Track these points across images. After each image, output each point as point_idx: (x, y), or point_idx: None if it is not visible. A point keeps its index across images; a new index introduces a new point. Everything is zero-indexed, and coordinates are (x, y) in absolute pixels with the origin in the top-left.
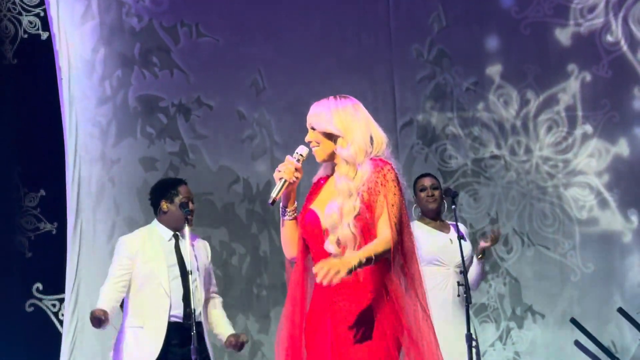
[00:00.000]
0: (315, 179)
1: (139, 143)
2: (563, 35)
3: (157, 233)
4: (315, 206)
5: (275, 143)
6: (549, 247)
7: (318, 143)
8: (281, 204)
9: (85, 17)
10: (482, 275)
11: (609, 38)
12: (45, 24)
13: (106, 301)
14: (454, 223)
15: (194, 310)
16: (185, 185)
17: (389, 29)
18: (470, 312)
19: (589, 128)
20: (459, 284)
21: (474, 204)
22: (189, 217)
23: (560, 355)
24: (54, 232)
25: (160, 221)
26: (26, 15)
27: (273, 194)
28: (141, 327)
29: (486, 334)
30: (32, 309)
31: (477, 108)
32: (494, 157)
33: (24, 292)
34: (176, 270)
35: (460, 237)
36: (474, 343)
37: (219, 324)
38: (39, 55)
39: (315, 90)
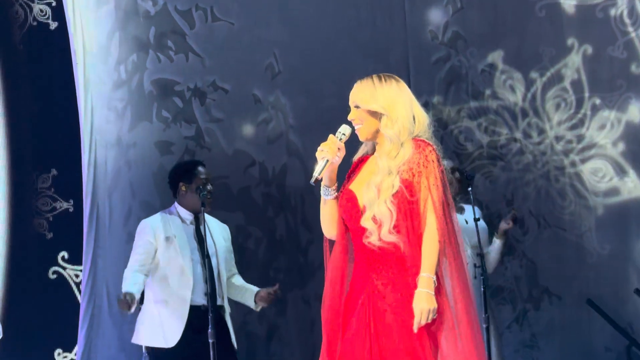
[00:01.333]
0: (355, 159)
1: (155, 127)
2: (578, 16)
3: (178, 216)
4: (354, 185)
5: (290, 126)
6: (565, 229)
7: (361, 121)
8: (322, 183)
9: (100, 2)
10: (500, 257)
11: (626, 19)
12: (56, 13)
13: (132, 284)
14: (469, 205)
15: (217, 293)
16: (202, 167)
17: (404, 11)
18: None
19: (596, 100)
20: (475, 266)
21: (490, 185)
22: (207, 199)
23: (576, 337)
24: (71, 209)
25: (180, 204)
26: (38, 3)
27: (315, 174)
28: (166, 302)
29: (503, 316)
30: (55, 276)
31: (492, 90)
32: (510, 139)
33: (48, 259)
34: (197, 254)
35: (477, 219)
36: (491, 326)
37: (244, 288)
38: (47, 44)
39: (331, 73)
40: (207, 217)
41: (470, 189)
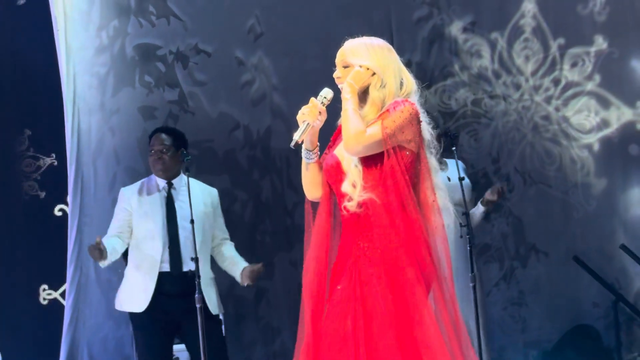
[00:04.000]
0: (339, 122)
1: (138, 92)
2: None
3: (154, 183)
4: (338, 150)
5: (274, 88)
6: (551, 185)
7: None
8: (303, 147)
9: None
10: (481, 220)
11: None
12: None
13: (107, 245)
14: (453, 161)
15: (182, 259)
16: (155, 135)
17: None
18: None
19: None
20: (461, 225)
21: (475, 144)
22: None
23: (564, 293)
24: (55, 163)
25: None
26: None
27: (296, 137)
28: (137, 267)
29: (490, 273)
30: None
31: (474, 48)
32: (493, 96)
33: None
34: (164, 220)
35: (462, 178)
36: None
37: (233, 262)
38: (27, 12)
39: (313, 34)
40: (192, 181)
41: (454, 148)
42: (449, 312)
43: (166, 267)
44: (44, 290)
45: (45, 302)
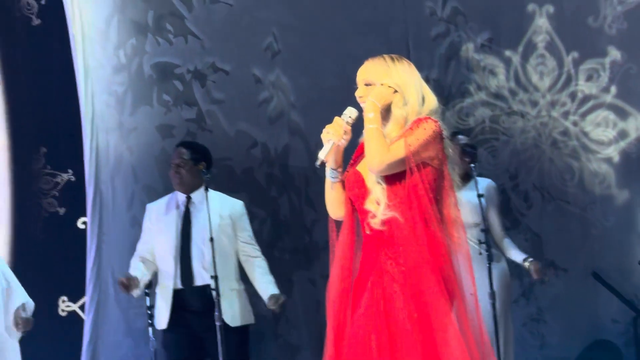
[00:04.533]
0: (361, 140)
1: (156, 111)
2: None
3: (175, 199)
4: (361, 167)
5: (292, 105)
6: (569, 201)
7: None
8: (327, 166)
9: None
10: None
11: None
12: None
13: (133, 269)
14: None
15: (194, 273)
16: (176, 149)
17: None
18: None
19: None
20: (480, 242)
21: (493, 160)
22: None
23: (583, 310)
24: (73, 179)
25: None
26: None
27: (321, 156)
28: (160, 285)
29: (511, 289)
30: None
31: (492, 65)
32: (511, 113)
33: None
34: (178, 237)
35: (480, 195)
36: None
37: (258, 288)
38: (46, 31)
39: (331, 51)
40: (214, 194)
41: (472, 165)
42: (473, 329)
43: (179, 284)
44: (63, 302)
45: (64, 314)
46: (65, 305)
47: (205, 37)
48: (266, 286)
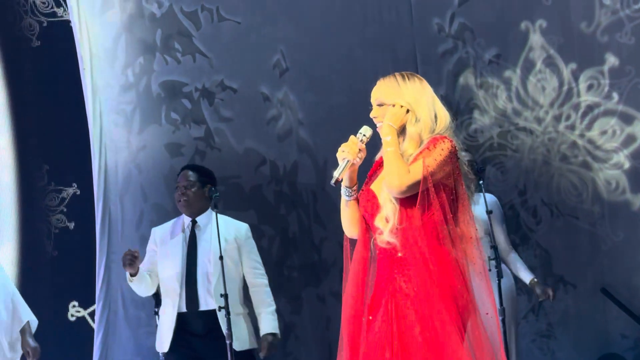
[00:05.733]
0: (377, 158)
1: (164, 129)
2: (584, 4)
3: (181, 222)
4: (375, 185)
5: (300, 123)
6: (578, 217)
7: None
8: (342, 184)
9: (105, 6)
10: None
11: (634, 5)
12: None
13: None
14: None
15: (199, 297)
16: (181, 172)
17: (410, 4)
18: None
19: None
20: (489, 258)
21: (502, 176)
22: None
23: (592, 325)
24: (78, 192)
25: None
26: (43, 13)
27: (336, 174)
28: (164, 311)
29: (519, 305)
30: None
31: (500, 80)
32: (519, 128)
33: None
34: (184, 261)
35: (489, 211)
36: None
37: (258, 318)
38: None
39: (338, 68)
40: (220, 217)
41: (481, 181)
42: (486, 348)
43: (184, 307)
44: (74, 306)
45: (72, 319)
46: (75, 310)
47: (213, 55)
48: (266, 322)
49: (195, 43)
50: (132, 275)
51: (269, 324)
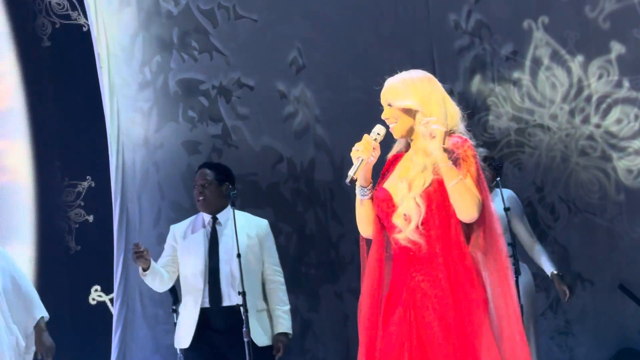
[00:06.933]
0: (390, 156)
1: (181, 127)
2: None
3: (201, 219)
4: (388, 183)
5: (317, 120)
6: (596, 214)
7: (396, 119)
8: (357, 183)
9: (122, 4)
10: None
11: None
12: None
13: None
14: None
15: (222, 293)
16: (199, 170)
17: (426, 0)
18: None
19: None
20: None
21: (519, 173)
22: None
23: (610, 322)
24: (93, 185)
25: None
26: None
27: (351, 173)
28: (184, 304)
29: (537, 303)
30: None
31: (517, 77)
32: (536, 125)
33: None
34: (206, 256)
35: (507, 208)
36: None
37: (273, 316)
38: (70, 49)
39: (355, 65)
40: (240, 214)
41: (498, 178)
42: (500, 350)
43: (207, 303)
44: (96, 290)
45: (93, 303)
46: (97, 295)
47: (230, 52)
48: (280, 322)
49: (212, 41)
50: (144, 269)
51: (283, 323)
